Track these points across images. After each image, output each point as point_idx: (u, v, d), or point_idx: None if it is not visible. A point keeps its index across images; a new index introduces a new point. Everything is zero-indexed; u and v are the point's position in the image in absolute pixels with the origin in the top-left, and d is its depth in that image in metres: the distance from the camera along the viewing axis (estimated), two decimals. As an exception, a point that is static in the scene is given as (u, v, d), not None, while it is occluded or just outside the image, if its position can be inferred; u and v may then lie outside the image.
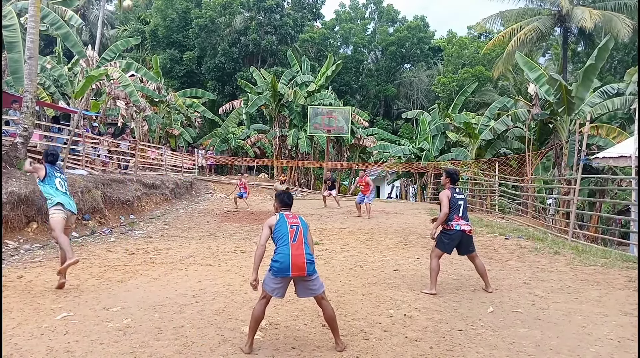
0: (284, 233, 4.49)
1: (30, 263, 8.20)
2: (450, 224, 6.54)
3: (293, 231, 4.51)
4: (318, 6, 51.49)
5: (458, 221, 6.52)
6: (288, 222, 4.56)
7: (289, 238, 4.47)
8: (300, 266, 4.40)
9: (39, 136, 15.88)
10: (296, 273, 4.40)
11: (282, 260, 4.40)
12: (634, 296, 6.31)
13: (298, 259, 4.40)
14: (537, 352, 4.58)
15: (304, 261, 4.42)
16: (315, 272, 4.55)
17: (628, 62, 35.64)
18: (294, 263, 4.39)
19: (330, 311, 4.60)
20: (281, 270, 4.40)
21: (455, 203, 6.56)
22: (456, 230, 6.51)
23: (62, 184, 6.82)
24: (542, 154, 21.80)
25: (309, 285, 4.53)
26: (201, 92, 35.37)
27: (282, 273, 4.41)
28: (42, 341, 4.63)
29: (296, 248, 4.45)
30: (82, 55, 19.17)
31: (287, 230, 4.50)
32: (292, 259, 4.39)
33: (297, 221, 4.61)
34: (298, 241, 4.48)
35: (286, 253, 4.41)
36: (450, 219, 6.54)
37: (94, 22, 44.79)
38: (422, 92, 50.49)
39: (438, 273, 6.63)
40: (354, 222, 14.26)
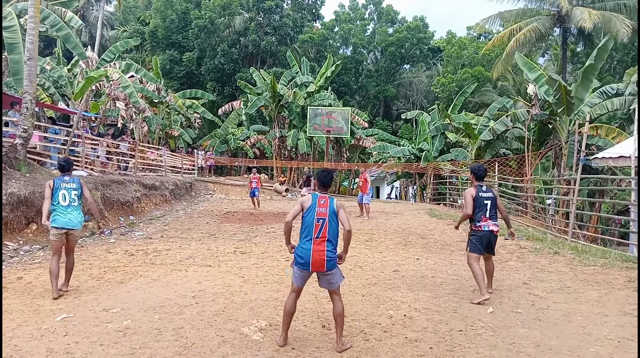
0: (309, 225, 4.59)
1: (29, 265, 8.20)
2: (478, 225, 6.38)
3: (318, 226, 4.57)
4: (317, 7, 51.46)
5: (486, 221, 6.34)
6: (317, 212, 4.60)
7: (313, 233, 4.56)
8: (320, 263, 4.52)
9: (38, 137, 15.89)
10: (315, 268, 4.55)
11: (304, 255, 4.54)
12: (633, 297, 6.31)
13: (318, 255, 4.51)
14: (537, 352, 4.59)
15: (323, 259, 4.51)
16: (334, 267, 4.62)
17: (627, 63, 35.66)
18: (314, 259, 4.51)
19: (340, 308, 4.65)
20: (302, 265, 4.57)
21: (481, 202, 6.37)
22: (485, 231, 6.34)
23: (65, 196, 6.44)
24: (542, 155, 21.81)
25: (328, 279, 4.65)
26: (201, 93, 35.35)
27: (303, 267, 4.58)
28: (42, 342, 4.63)
29: (318, 243, 4.53)
30: (84, 57, 19.17)
31: (313, 222, 4.58)
32: (312, 255, 4.51)
33: (325, 213, 4.61)
34: (321, 237, 4.55)
35: (308, 248, 4.53)
36: (478, 219, 6.37)
37: (94, 23, 44.78)
38: (421, 93, 50.49)
39: (482, 276, 6.38)
40: (353, 223, 14.25)
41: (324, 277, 4.66)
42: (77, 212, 6.52)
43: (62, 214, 6.36)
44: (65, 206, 6.40)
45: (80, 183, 6.65)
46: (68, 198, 6.43)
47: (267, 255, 9.29)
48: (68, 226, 6.38)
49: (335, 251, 4.63)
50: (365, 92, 53.65)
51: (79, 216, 6.52)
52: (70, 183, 6.53)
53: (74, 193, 6.49)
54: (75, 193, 6.51)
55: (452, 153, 27.43)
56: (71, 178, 6.66)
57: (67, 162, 6.81)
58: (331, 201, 4.67)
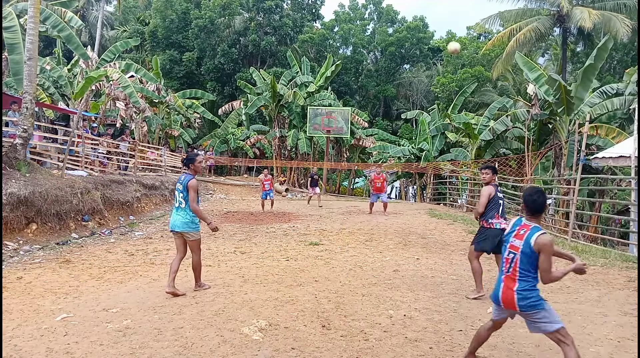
0: (502, 256, 4.00)
1: (29, 265, 8.20)
2: (490, 222, 6.42)
3: (508, 261, 3.90)
4: (317, 7, 51.45)
5: (498, 219, 6.40)
6: (510, 242, 3.92)
7: (504, 265, 3.94)
8: (510, 302, 3.84)
9: (38, 137, 15.89)
10: (507, 307, 3.90)
11: (495, 287, 4.01)
12: (633, 296, 6.31)
13: (507, 294, 3.86)
14: (537, 352, 4.59)
15: (513, 298, 3.81)
16: (533, 309, 3.77)
17: (627, 62, 35.67)
18: (503, 297, 3.89)
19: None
20: (493, 297, 4.03)
21: (496, 201, 6.44)
22: (497, 229, 6.35)
23: (175, 197, 6.37)
24: (542, 155, 21.79)
25: (532, 322, 3.88)
26: (201, 93, 35.35)
27: (494, 301, 4.02)
28: (41, 342, 4.63)
29: (508, 280, 3.88)
30: (86, 57, 19.17)
31: (504, 254, 3.97)
32: (502, 290, 3.91)
33: (518, 246, 3.83)
34: (512, 272, 3.85)
35: (499, 280, 3.99)
36: (491, 217, 6.41)
37: (94, 23, 44.77)
38: (421, 93, 50.49)
39: (481, 273, 6.49)
40: (353, 223, 14.26)
41: (527, 319, 3.90)
42: (179, 214, 6.26)
43: (172, 216, 6.39)
44: (175, 207, 6.35)
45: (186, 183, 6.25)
46: (178, 199, 6.32)
47: (267, 254, 9.29)
48: (172, 228, 6.31)
49: (534, 291, 3.77)
50: (365, 92, 53.65)
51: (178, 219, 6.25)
52: (181, 183, 6.32)
53: (181, 194, 6.27)
54: (181, 194, 6.27)
55: (452, 152, 27.43)
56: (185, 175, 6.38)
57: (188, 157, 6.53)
58: (531, 234, 3.77)
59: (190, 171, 6.39)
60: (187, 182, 6.21)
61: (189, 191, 6.18)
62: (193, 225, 6.25)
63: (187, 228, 6.22)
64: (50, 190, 10.92)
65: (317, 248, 10.01)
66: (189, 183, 6.20)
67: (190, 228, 6.23)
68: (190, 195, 6.18)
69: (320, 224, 14.02)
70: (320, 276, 7.42)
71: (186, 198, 6.21)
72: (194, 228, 6.27)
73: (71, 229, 11.27)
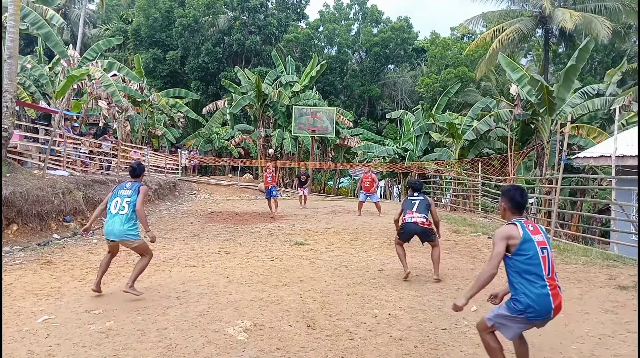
0: (533, 261, 3.46)
1: (10, 266, 8.07)
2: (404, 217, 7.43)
3: (545, 258, 3.48)
4: (302, 6, 51.46)
5: (411, 214, 7.37)
6: (536, 241, 3.52)
7: (543, 270, 3.46)
8: (560, 305, 3.52)
9: (19, 136, 15.66)
10: (557, 312, 3.51)
11: (539, 300, 3.42)
12: (614, 294, 6.41)
13: (559, 299, 3.50)
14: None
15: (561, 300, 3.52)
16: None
17: (608, 63, 36.23)
18: (557, 304, 3.48)
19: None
20: (537, 316, 3.46)
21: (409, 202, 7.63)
22: (409, 222, 7.32)
23: (116, 204, 6.10)
24: (524, 154, 22.04)
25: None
26: (184, 92, 35.16)
27: (539, 318, 3.49)
28: (22, 344, 4.57)
29: (552, 281, 3.48)
30: (64, 55, 18.93)
31: (538, 254, 3.48)
32: (552, 297, 3.45)
33: (544, 241, 3.56)
34: (552, 273, 3.50)
35: (545, 293, 3.44)
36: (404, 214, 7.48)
37: (76, 21, 44.21)
38: (406, 93, 50.74)
39: (404, 255, 7.51)
40: (339, 222, 14.27)
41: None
42: (121, 222, 6.02)
43: (107, 224, 6.13)
44: (113, 214, 6.09)
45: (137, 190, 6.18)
46: (118, 205, 6.11)
47: (252, 255, 9.25)
48: (109, 237, 6.11)
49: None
50: (350, 92, 53.77)
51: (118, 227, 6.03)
52: (126, 189, 6.21)
53: (127, 199, 6.10)
54: (127, 199, 6.10)
55: (436, 152, 27.58)
56: (133, 183, 6.33)
57: (135, 167, 6.51)
58: (540, 227, 3.64)
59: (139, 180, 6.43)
60: (139, 187, 6.18)
61: (139, 195, 6.09)
62: (133, 232, 6.07)
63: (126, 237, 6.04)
64: (31, 190, 10.76)
65: (302, 248, 10.00)
66: (142, 186, 6.21)
67: (129, 236, 6.05)
68: (138, 198, 6.08)
69: (305, 224, 14.01)
70: (305, 276, 7.41)
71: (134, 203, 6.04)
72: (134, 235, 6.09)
73: (52, 230, 11.12)
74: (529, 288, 3.43)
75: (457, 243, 10.71)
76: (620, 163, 11.92)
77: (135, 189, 6.12)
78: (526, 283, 3.44)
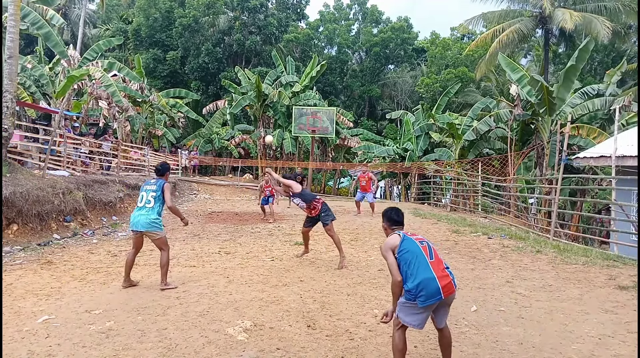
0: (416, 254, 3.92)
1: (10, 266, 8.08)
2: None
3: (426, 248, 3.98)
4: (302, 6, 51.46)
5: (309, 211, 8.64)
6: (414, 238, 4.06)
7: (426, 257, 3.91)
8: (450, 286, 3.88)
9: (19, 136, 15.67)
10: (447, 293, 3.85)
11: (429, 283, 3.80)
12: (614, 294, 6.41)
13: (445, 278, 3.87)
14: (520, 349, 4.63)
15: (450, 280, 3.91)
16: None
17: (608, 64, 36.22)
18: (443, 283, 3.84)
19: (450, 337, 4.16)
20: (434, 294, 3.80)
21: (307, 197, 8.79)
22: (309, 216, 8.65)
23: (142, 198, 6.68)
24: (524, 155, 22.04)
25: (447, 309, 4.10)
26: (185, 92, 35.14)
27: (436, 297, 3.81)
28: (23, 345, 4.57)
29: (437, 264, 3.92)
30: (64, 55, 18.93)
31: (418, 248, 3.97)
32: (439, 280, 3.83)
33: (422, 237, 4.12)
34: (435, 257, 3.96)
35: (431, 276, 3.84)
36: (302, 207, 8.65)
37: (76, 22, 44.22)
38: (406, 93, 50.71)
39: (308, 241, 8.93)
40: (338, 222, 14.24)
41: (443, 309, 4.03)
42: (145, 215, 6.57)
43: (133, 216, 6.65)
44: (139, 207, 6.63)
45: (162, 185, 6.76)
46: (144, 199, 6.65)
47: (252, 255, 9.26)
48: (134, 228, 6.59)
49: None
50: (350, 92, 53.76)
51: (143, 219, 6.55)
52: (151, 185, 6.76)
53: (151, 193, 6.65)
54: (151, 194, 6.66)
55: (436, 152, 27.59)
56: (158, 180, 6.86)
57: (161, 166, 7.06)
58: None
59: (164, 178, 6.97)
60: (163, 183, 6.75)
61: (165, 192, 6.67)
62: (158, 224, 6.63)
63: (151, 228, 6.55)
64: (32, 190, 10.76)
65: (302, 248, 9.99)
66: (165, 184, 6.76)
67: (154, 227, 6.58)
68: (166, 195, 6.67)
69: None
70: (305, 276, 7.41)
71: (159, 198, 6.65)
72: (159, 227, 6.65)
73: (53, 230, 11.12)
74: (415, 274, 3.81)
75: (457, 243, 10.70)
76: (620, 163, 11.93)
77: (160, 186, 6.67)
78: (414, 270, 3.84)
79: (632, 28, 28.70)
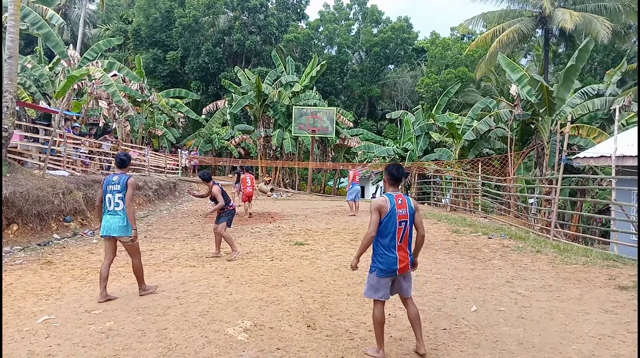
0: (391, 230, 4.29)
1: (10, 266, 8.08)
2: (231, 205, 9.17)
3: (401, 230, 4.32)
4: (302, 6, 51.48)
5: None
6: (398, 214, 4.30)
7: (397, 237, 4.31)
8: (406, 267, 4.43)
9: (19, 136, 15.66)
10: (402, 271, 4.40)
11: (386, 260, 4.35)
12: (614, 294, 6.41)
13: (402, 263, 4.38)
14: (520, 349, 4.63)
15: (408, 263, 4.43)
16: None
17: (608, 64, 36.24)
18: (402, 265, 4.37)
19: (417, 310, 4.59)
20: (387, 271, 4.36)
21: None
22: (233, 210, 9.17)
23: (110, 201, 6.02)
24: (524, 154, 22.03)
25: (409, 282, 4.60)
26: (184, 92, 35.13)
27: (389, 274, 4.38)
28: (22, 345, 4.57)
29: (402, 250, 4.37)
30: (64, 55, 18.92)
31: (395, 226, 4.29)
32: (400, 260, 4.35)
33: (406, 215, 4.35)
34: (404, 241, 4.37)
35: (391, 252, 4.35)
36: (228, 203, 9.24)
37: (76, 21, 44.26)
38: (406, 93, 50.72)
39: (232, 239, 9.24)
40: (338, 222, 14.27)
41: (405, 281, 4.51)
42: (116, 217, 6.03)
43: (104, 220, 6.09)
44: (109, 211, 6.06)
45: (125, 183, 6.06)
46: (113, 201, 6.04)
47: (252, 255, 9.26)
48: (107, 233, 6.04)
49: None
50: (350, 92, 53.76)
51: (116, 222, 6.02)
52: (114, 184, 6.06)
53: (117, 194, 6.03)
54: (117, 194, 6.03)
55: (436, 152, 27.57)
56: (120, 176, 6.14)
57: (122, 158, 6.29)
58: (408, 200, 4.43)
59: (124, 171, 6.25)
60: (126, 180, 6.05)
61: (128, 190, 6.02)
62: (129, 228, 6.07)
63: (126, 232, 6.05)
64: (32, 190, 10.76)
65: (302, 248, 10.00)
66: (129, 180, 6.06)
67: (129, 231, 6.06)
68: (128, 193, 6.01)
69: (305, 224, 14.01)
70: (305, 276, 7.41)
71: (124, 199, 6.01)
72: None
73: (53, 230, 11.13)
74: (382, 249, 4.32)
75: (457, 243, 10.70)
76: (620, 163, 11.92)
77: (124, 185, 6.02)
78: (381, 246, 4.33)
79: (632, 28, 28.70)
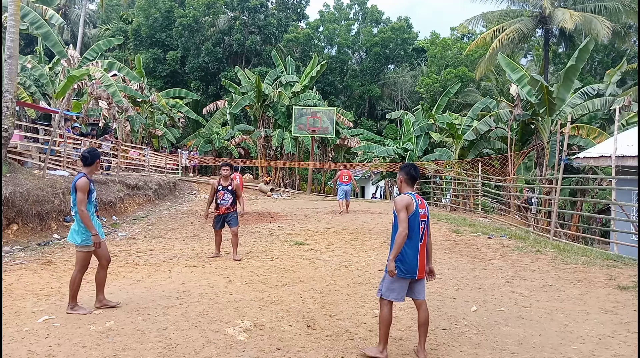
0: (415, 229, 4.27)
1: (10, 266, 8.07)
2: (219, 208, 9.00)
3: (422, 229, 4.33)
4: (302, 6, 51.46)
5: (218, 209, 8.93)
6: (420, 214, 4.31)
7: (419, 235, 4.29)
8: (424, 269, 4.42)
9: (19, 136, 15.67)
10: (422, 275, 4.40)
11: (410, 261, 4.28)
12: (614, 294, 6.41)
13: (424, 262, 4.41)
14: (520, 349, 4.63)
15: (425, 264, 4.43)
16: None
17: (608, 64, 36.23)
18: (421, 266, 4.35)
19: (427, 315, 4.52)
20: (411, 271, 4.31)
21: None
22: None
23: (72, 203, 5.43)
24: (524, 154, 22.03)
25: (424, 285, 4.57)
26: (185, 92, 35.14)
27: (409, 275, 4.32)
28: (22, 345, 4.56)
29: (422, 249, 4.36)
30: (63, 55, 18.93)
31: (418, 225, 4.28)
32: (419, 262, 4.32)
33: (426, 215, 4.39)
34: (424, 239, 4.37)
35: (415, 252, 4.30)
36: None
37: (76, 21, 44.27)
38: (406, 93, 50.71)
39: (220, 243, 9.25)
40: (338, 223, 14.27)
41: (419, 283, 4.46)
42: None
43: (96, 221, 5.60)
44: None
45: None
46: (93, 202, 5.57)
47: (252, 255, 9.26)
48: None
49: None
50: (350, 92, 53.76)
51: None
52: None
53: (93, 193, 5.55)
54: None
55: (436, 152, 27.56)
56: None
57: (90, 153, 5.55)
58: (425, 201, 4.50)
59: (86, 169, 5.50)
60: (76, 181, 5.34)
61: (77, 192, 5.28)
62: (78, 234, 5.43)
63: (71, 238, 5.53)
64: (32, 190, 10.76)
65: (302, 248, 10.00)
66: (78, 181, 5.31)
67: (73, 238, 5.50)
68: (77, 196, 5.26)
69: (305, 224, 14.01)
70: (305, 276, 7.41)
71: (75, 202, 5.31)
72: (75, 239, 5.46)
73: (53, 230, 11.13)
74: (405, 248, 4.22)
75: (457, 243, 10.70)
76: (620, 163, 11.93)
77: (73, 186, 5.34)
78: (405, 245, 4.22)
79: (632, 28, 28.70)
